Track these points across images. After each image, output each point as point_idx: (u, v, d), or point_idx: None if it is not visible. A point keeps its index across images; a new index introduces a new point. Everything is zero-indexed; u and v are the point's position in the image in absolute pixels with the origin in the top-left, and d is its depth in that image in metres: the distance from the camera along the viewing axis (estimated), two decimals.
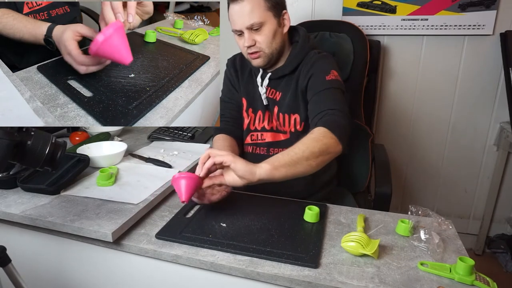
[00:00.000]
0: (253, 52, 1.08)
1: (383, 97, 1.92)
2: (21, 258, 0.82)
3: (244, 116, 1.22)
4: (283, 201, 1.01)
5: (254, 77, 1.20)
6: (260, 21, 1.04)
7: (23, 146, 0.69)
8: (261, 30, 1.05)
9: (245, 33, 1.05)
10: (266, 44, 1.07)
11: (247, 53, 1.09)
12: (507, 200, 1.92)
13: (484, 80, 1.79)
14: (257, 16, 1.03)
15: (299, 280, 0.71)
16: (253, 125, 1.21)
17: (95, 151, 1.19)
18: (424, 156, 1.97)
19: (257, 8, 1.03)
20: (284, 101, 1.13)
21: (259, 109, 1.19)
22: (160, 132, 1.42)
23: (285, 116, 1.14)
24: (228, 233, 0.84)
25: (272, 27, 1.06)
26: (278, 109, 1.15)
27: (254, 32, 1.05)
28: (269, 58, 1.10)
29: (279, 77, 1.14)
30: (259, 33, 1.06)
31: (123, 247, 0.83)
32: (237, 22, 1.05)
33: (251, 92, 1.20)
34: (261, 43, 1.06)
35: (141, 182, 1.04)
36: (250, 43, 1.06)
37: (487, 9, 1.66)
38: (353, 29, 1.57)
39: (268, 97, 1.17)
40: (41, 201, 0.93)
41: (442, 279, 0.71)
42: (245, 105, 1.22)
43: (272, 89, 1.16)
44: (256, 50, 1.07)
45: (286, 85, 1.14)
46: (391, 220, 0.92)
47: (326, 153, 0.90)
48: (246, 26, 1.04)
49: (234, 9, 1.04)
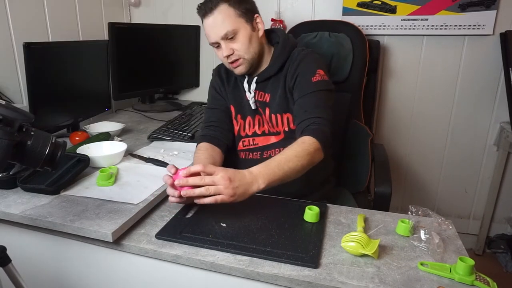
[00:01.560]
0: (234, 61, 1.10)
1: (383, 97, 1.92)
2: (21, 258, 0.82)
3: (233, 123, 1.22)
4: (283, 201, 1.01)
5: (240, 84, 1.20)
6: (233, 29, 1.06)
7: (23, 146, 0.69)
8: (236, 37, 1.07)
9: (221, 44, 1.08)
10: (244, 50, 1.08)
11: (227, 63, 1.12)
12: (507, 200, 1.92)
13: (484, 80, 1.79)
14: (228, 24, 1.05)
15: (299, 280, 0.71)
16: (243, 131, 1.21)
17: (95, 151, 1.19)
18: (424, 156, 1.97)
19: (228, 17, 1.05)
20: (274, 101, 1.14)
21: (248, 115, 1.20)
22: (160, 132, 1.42)
23: (277, 116, 1.14)
24: (228, 233, 0.84)
25: (246, 32, 1.08)
26: (269, 111, 1.15)
27: (230, 41, 1.08)
28: (250, 63, 1.11)
29: (265, 79, 1.15)
30: (234, 41, 1.08)
31: (123, 247, 0.83)
32: (212, 34, 1.08)
33: (238, 99, 1.21)
34: (239, 50, 1.08)
35: (141, 182, 1.04)
36: (228, 52, 1.08)
37: (487, 9, 1.66)
38: (353, 29, 1.57)
39: (258, 100, 1.17)
40: (41, 201, 0.93)
41: (442, 279, 0.71)
42: (233, 112, 1.22)
43: (261, 91, 1.16)
44: (236, 58, 1.09)
45: (273, 85, 1.15)
46: (391, 220, 0.92)
47: (311, 163, 0.96)
48: (220, 36, 1.06)
49: (207, 23, 1.07)
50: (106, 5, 1.94)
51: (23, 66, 1.26)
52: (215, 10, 1.05)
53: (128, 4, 2.11)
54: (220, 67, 1.27)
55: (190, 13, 2.04)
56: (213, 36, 1.08)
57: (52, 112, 1.40)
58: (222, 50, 1.09)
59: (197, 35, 2.07)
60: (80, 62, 1.53)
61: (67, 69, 1.46)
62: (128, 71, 1.78)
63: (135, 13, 2.14)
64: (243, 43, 1.08)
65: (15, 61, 1.45)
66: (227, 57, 1.09)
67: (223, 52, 1.08)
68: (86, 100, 1.60)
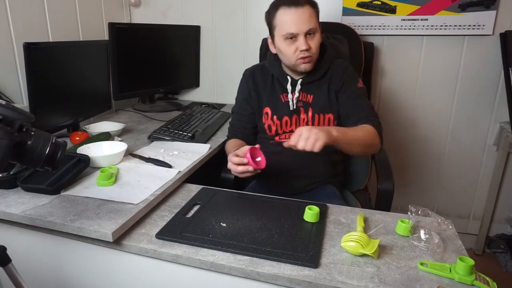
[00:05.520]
0: (306, 57, 1.14)
1: (383, 97, 1.92)
2: (21, 258, 0.82)
3: (269, 123, 1.27)
4: (283, 201, 1.01)
5: (277, 87, 1.27)
6: (315, 27, 1.14)
7: (23, 146, 0.69)
8: (314, 36, 1.15)
9: (300, 37, 1.12)
10: (316, 50, 1.17)
11: (299, 57, 1.15)
12: (507, 200, 1.92)
13: (484, 80, 1.79)
14: (314, 22, 1.13)
15: (299, 280, 0.71)
16: (280, 129, 1.27)
17: (95, 151, 1.19)
18: (424, 156, 1.97)
19: (314, 16, 1.14)
20: (318, 102, 1.23)
21: (285, 115, 1.25)
22: (160, 132, 1.42)
23: (320, 116, 1.23)
24: (228, 233, 0.84)
25: (320, 36, 1.18)
26: (313, 110, 1.23)
27: (309, 38, 1.14)
28: (314, 63, 1.19)
29: (310, 82, 1.23)
30: (312, 39, 1.14)
31: (123, 247, 0.83)
32: (297, 25, 1.11)
33: (275, 101, 1.27)
34: (313, 49, 1.15)
35: (141, 182, 1.04)
36: (307, 47, 1.12)
37: (487, 9, 1.66)
38: (349, 30, 1.59)
39: (302, 100, 1.24)
40: (41, 201, 0.93)
41: (442, 279, 0.71)
42: (270, 114, 1.27)
43: (304, 93, 1.24)
44: (309, 55, 1.14)
45: (317, 88, 1.23)
46: (391, 220, 0.92)
47: (371, 146, 1.09)
48: (305, 30, 1.12)
49: (295, 13, 1.11)
50: (106, 5, 1.94)
51: (23, 66, 1.26)
52: (305, 6, 1.12)
53: (128, 4, 2.11)
54: (254, 70, 1.33)
55: (190, 13, 2.05)
56: (298, 27, 1.11)
57: (52, 112, 1.40)
58: (298, 43, 1.13)
59: (197, 35, 2.07)
60: (80, 62, 1.53)
61: (67, 69, 1.46)
62: (128, 71, 1.78)
63: (135, 13, 2.14)
64: (318, 43, 1.16)
65: (15, 61, 1.45)
66: (301, 51, 1.13)
67: (301, 45, 1.12)
68: (86, 100, 1.60)
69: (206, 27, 2.06)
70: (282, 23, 1.13)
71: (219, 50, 2.08)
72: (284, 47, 1.16)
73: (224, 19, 2.01)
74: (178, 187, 1.09)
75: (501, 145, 1.82)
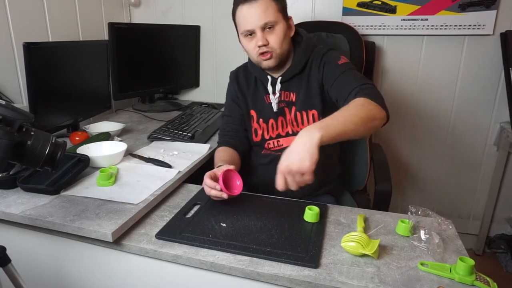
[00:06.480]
0: (265, 52, 1.09)
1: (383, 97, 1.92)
2: (21, 258, 0.82)
3: (255, 127, 1.23)
4: (283, 201, 1.01)
5: (260, 88, 1.21)
6: (273, 20, 1.07)
7: (23, 146, 0.69)
8: (274, 30, 1.08)
9: (257, 33, 1.07)
10: (278, 44, 1.09)
11: (258, 53, 1.10)
12: (507, 200, 1.92)
13: (484, 80, 1.79)
14: (271, 15, 1.06)
15: (299, 280, 0.71)
16: (267, 134, 1.22)
17: (95, 151, 1.19)
18: (424, 156, 1.97)
19: (270, 8, 1.06)
20: (299, 99, 1.15)
21: (270, 118, 1.20)
22: (160, 132, 1.42)
23: (303, 114, 1.15)
24: (228, 233, 0.84)
25: (282, 27, 1.09)
26: (295, 109, 1.16)
27: (267, 32, 1.08)
28: (279, 58, 1.11)
29: (290, 78, 1.16)
30: (271, 33, 1.08)
31: (123, 247, 0.83)
32: (251, 21, 1.07)
33: (259, 103, 1.22)
34: (273, 43, 1.08)
35: (141, 182, 1.04)
36: (263, 42, 1.07)
37: (487, 9, 1.66)
38: (349, 30, 1.58)
39: (284, 100, 1.18)
40: (41, 201, 0.93)
41: (442, 279, 0.71)
42: (255, 117, 1.22)
43: (286, 91, 1.17)
44: (268, 50, 1.09)
45: (297, 84, 1.16)
46: (391, 220, 0.92)
47: (371, 119, 0.90)
48: (260, 25, 1.06)
49: (248, 9, 1.07)
50: (106, 5, 1.94)
51: (23, 66, 1.26)
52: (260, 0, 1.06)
53: (128, 4, 2.10)
54: (238, 71, 1.28)
55: (190, 13, 2.05)
56: (252, 23, 1.07)
57: (52, 112, 1.40)
58: (255, 39, 1.08)
59: (197, 35, 2.07)
60: (80, 62, 1.53)
61: (67, 69, 1.46)
62: (128, 71, 1.78)
63: (135, 13, 2.14)
64: (279, 37, 1.08)
65: (15, 61, 1.45)
66: (259, 47, 1.08)
67: (258, 41, 1.07)
68: (86, 100, 1.60)
69: (206, 27, 2.06)
70: (240, 20, 1.10)
71: (219, 50, 2.08)
72: (246, 45, 1.12)
73: (224, 19, 2.00)
74: (178, 187, 1.09)
75: (501, 145, 1.82)
